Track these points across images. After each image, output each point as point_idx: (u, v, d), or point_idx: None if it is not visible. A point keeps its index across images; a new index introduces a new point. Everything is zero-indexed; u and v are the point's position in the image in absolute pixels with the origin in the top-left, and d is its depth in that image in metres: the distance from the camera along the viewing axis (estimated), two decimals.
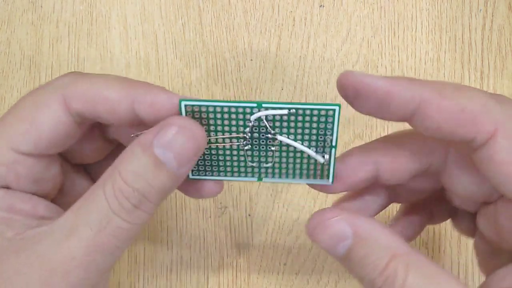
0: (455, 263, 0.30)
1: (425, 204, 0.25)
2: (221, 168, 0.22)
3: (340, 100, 0.21)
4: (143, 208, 0.19)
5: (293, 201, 0.31)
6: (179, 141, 0.19)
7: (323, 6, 0.30)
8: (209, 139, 0.21)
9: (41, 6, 0.33)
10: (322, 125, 0.20)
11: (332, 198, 0.30)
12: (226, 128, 0.21)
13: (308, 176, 0.21)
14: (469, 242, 0.30)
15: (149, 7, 0.32)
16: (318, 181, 0.22)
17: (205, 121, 0.20)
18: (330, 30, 0.30)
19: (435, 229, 0.30)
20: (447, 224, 0.30)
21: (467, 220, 0.24)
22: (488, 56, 0.30)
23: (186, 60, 0.32)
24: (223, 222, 0.31)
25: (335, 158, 0.21)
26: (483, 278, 0.22)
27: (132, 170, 0.18)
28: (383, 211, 0.24)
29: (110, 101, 0.20)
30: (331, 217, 0.19)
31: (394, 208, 0.29)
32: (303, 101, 0.31)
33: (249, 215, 0.31)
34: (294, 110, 0.20)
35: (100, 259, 0.19)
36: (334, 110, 0.20)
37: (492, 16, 0.30)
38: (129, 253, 0.31)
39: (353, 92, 0.19)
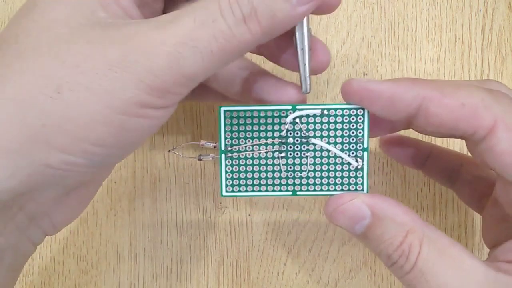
0: None
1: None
2: (255, 182, 0.22)
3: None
4: (249, 25, 0.18)
5: (293, 201, 0.31)
6: None
7: None
8: (245, 148, 0.22)
9: None
10: (353, 126, 0.21)
11: None
12: (263, 134, 0.22)
13: (342, 185, 0.22)
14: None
15: None
16: (352, 191, 0.22)
17: (242, 127, 0.21)
18: (330, 30, 0.30)
19: None
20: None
21: (469, 189, 0.26)
22: (488, 56, 0.30)
23: None
24: (223, 222, 0.31)
25: (368, 162, 0.21)
26: None
27: None
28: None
29: None
30: (348, 200, 0.20)
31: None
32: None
33: (249, 215, 0.31)
34: (326, 111, 0.21)
35: (185, 60, 0.17)
36: (364, 109, 0.21)
37: (492, 16, 0.30)
38: (129, 253, 0.31)
39: (358, 98, 0.20)
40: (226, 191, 0.22)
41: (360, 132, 0.21)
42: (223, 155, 0.22)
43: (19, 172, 0.17)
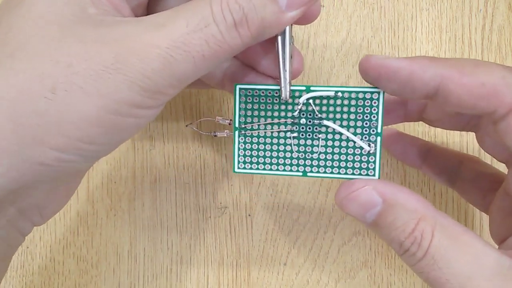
0: None
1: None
2: (266, 160, 0.22)
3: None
4: (239, 30, 0.18)
5: (293, 201, 0.31)
6: None
7: (323, 6, 0.30)
8: (258, 126, 0.22)
9: None
10: (367, 110, 0.21)
11: (331, 197, 0.30)
12: (276, 114, 0.22)
13: (353, 169, 0.22)
14: None
15: None
16: (363, 176, 0.21)
17: (256, 106, 0.22)
18: (330, 30, 0.30)
19: None
20: None
21: (472, 186, 0.26)
22: (488, 56, 0.30)
23: None
24: (223, 222, 0.31)
25: (381, 147, 0.21)
26: None
27: None
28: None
29: None
30: (359, 187, 0.20)
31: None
32: None
33: (249, 215, 0.31)
34: (340, 94, 0.21)
35: (177, 63, 0.17)
36: (379, 93, 0.21)
37: (492, 16, 0.30)
38: (129, 253, 0.31)
39: (375, 74, 0.20)
40: (238, 168, 0.23)
41: (374, 117, 0.21)
42: (236, 132, 0.22)
43: (12, 170, 0.17)
